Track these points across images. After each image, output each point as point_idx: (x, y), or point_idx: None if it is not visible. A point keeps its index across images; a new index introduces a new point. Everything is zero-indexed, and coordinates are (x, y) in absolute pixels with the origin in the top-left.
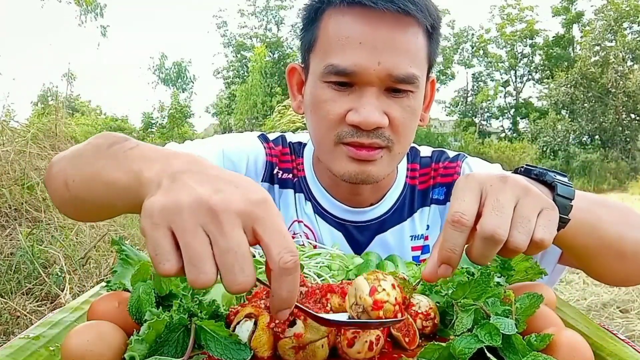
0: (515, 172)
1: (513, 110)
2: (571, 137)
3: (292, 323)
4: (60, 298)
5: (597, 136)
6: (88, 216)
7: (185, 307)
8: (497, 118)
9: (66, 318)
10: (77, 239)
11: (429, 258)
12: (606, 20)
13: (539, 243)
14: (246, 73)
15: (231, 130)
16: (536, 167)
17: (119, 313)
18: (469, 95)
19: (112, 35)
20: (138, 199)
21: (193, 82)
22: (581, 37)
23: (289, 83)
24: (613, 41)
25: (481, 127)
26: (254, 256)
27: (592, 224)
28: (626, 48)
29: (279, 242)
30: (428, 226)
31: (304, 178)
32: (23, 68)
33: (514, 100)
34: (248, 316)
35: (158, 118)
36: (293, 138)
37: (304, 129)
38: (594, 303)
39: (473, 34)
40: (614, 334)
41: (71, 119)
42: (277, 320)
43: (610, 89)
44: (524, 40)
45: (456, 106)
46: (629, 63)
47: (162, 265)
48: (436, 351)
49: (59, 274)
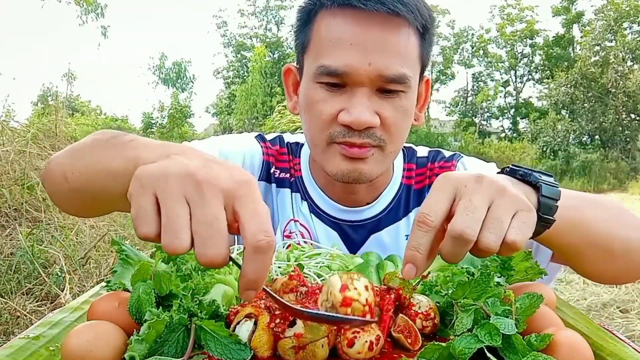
0: (501, 172)
1: (513, 110)
2: (571, 137)
3: (292, 323)
4: (60, 298)
5: (597, 136)
6: (87, 210)
7: (185, 307)
8: (497, 118)
9: (66, 318)
10: (77, 239)
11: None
12: (606, 20)
13: (511, 245)
14: (246, 73)
15: (231, 130)
16: (521, 168)
17: (119, 313)
18: (469, 95)
19: (113, 35)
20: None
21: (193, 82)
22: (581, 37)
23: (285, 84)
24: (613, 41)
25: (481, 127)
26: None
27: (578, 222)
28: (626, 48)
29: (255, 222)
30: None
31: (301, 178)
32: (23, 68)
33: (514, 100)
34: (248, 316)
35: (158, 118)
36: (291, 138)
37: None
38: (594, 303)
39: (473, 34)
40: (614, 334)
41: (71, 119)
42: (243, 300)
43: (610, 89)
44: (524, 40)
45: (456, 106)
46: (629, 63)
47: (141, 227)
48: (436, 351)
49: (59, 274)
